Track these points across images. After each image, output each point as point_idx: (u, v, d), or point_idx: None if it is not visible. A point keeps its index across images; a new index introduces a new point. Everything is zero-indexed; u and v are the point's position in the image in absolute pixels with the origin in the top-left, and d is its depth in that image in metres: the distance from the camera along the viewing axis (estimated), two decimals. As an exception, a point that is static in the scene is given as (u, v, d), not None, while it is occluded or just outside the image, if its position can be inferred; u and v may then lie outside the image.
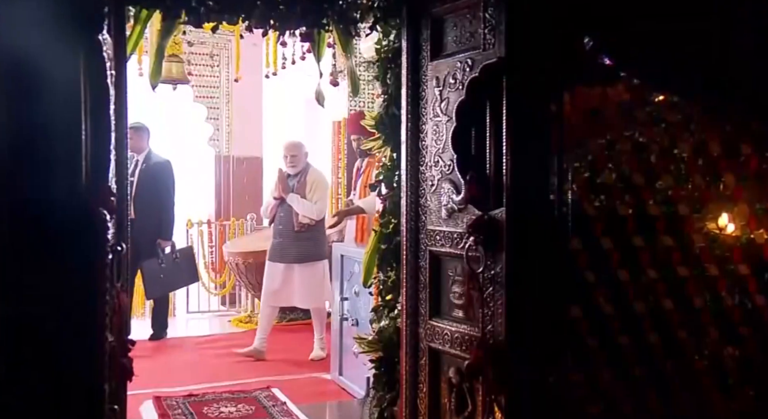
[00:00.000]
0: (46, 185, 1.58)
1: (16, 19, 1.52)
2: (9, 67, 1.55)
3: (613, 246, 1.74)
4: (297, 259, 4.95)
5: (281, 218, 4.92)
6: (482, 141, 1.91)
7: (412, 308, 2.16)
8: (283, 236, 4.92)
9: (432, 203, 2.11)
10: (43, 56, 1.53)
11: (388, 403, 2.43)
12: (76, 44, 1.56)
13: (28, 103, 1.56)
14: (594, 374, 1.83)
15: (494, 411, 1.83)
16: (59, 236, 1.58)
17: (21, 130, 1.56)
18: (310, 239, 5.02)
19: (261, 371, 5.09)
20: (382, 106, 2.50)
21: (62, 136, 1.59)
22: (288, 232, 4.90)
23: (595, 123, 1.79)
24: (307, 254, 4.97)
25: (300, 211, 4.88)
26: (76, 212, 1.59)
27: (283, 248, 4.92)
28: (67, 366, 1.53)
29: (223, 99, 7.48)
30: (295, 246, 4.93)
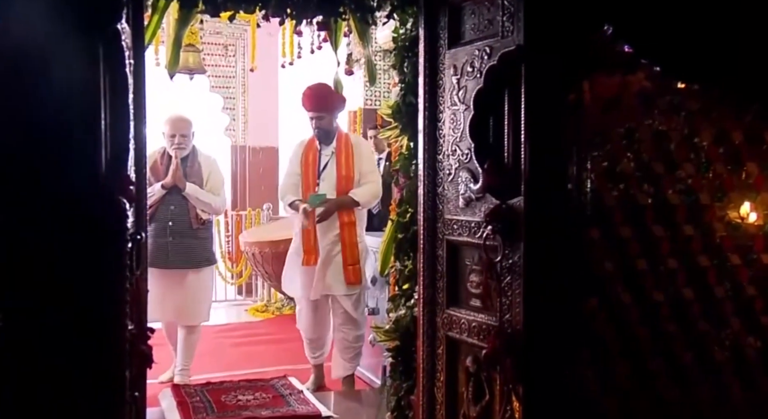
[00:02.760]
0: (66, 175, 1.59)
1: (36, 8, 1.52)
2: (29, 57, 1.55)
3: (632, 235, 1.72)
4: (192, 263, 4.01)
5: (171, 211, 3.97)
6: (500, 130, 1.90)
7: (429, 298, 2.16)
8: (176, 235, 3.97)
9: (449, 192, 2.11)
10: (63, 45, 1.54)
11: (405, 392, 2.44)
12: (95, 33, 1.57)
13: (48, 93, 1.57)
14: (612, 364, 1.82)
15: (512, 400, 1.83)
16: (79, 226, 1.59)
17: (41, 119, 1.57)
18: (207, 238, 4.22)
19: (278, 360, 5.13)
20: (399, 95, 2.50)
21: (82, 125, 1.59)
22: (182, 230, 3.99)
23: (614, 111, 1.77)
24: (204, 256, 4.12)
25: (202, 204, 4.05)
26: (95, 201, 1.60)
27: (173, 250, 3.95)
28: (89, 353, 1.55)
29: (239, 89, 7.50)
30: (190, 247, 4.01)
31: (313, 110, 4.07)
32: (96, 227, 1.60)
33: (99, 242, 1.61)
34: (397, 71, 2.52)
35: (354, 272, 3.97)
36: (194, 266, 4.02)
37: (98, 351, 1.56)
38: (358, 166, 4.07)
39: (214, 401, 3.32)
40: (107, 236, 1.61)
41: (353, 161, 4.07)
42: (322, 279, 4.03)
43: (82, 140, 1.59)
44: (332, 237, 4.04)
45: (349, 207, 4.02)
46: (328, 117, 4.10)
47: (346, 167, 4.07)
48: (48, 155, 1.58)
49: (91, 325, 1.58)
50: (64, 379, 1.55)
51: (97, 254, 1.60)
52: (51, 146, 1.58)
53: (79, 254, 1.58)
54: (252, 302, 7.24)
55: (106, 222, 1.61)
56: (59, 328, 1.56)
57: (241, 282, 7.38)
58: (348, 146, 4.09)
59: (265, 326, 6.30)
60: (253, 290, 7.36)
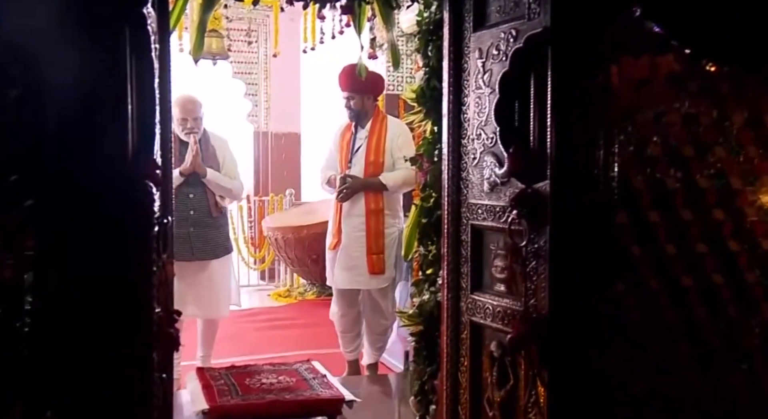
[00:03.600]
0: (94, 159, 1.60)
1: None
2: (56, 41, 1.57)
3: (660, 220, 1.70)
4: (213, 253, 3.94)
5: (191, 200, 3.84)
6: (526, 113, 1.88)
7: (453, 282, 2.16)
8: (197, 225, 3.85)
9: (474, 177, 2.09)
10: (90, 29, 1.55)
11: (428, 376, 2.45)
12: (121, 17, 1.58)
13: (75, 77, 1.58)
14: (639, 350, 1.81)
15: (537, 385, 1.82)
16: (106, 210, 1.60)
17: (68, 104, 1.58)
18: (226, 226, 4.12)
19: (301, 344, 5.18)
20: (423, 79, 2.48)
21: (108, 109, 1.60)
22: (203, 219, 3.87)
23: (643, 95, 1.75)
24: (224, 246, 4.04)
25: (222, 190, 3.95)
26: (123, 185, 1.61)
27: (195, 241, 3.84)
28: (118, 335, 1.57)
29: (261, 75, 7.53)
30: (211, 237, 3.92)
31: (344, 89, 4.04)
32: (123, 211, 1.62)
33: (126, 226, 1.62)
34: (421, 55, 2.50)
35: (377, 261, 3.92)
36: (216, 256, 3.96)
37: (127, 333, 1.58)
38: (390, 150, 4.00)
39: (239, 384, 3.35)
40: (135, 220, 1.62)
41: (384, 145, 3.99)
42: (344, 269, 4.01)
43: (110, 125, 1.60)
44: (356, 223, 4.01)
45: (375, 189, 3.97)
46: (358, 98, 4.03)
47: (376, 151, 4.01)
48: (75, 139, 1.59)
49: (119, 308, 1.60)
50: (94, 360, 1.58)
51: (125, 238, 1.62)
52: (78, 130, 1.59)
53: (106, 238, 1.60)
54: (275, 288, 7.31)
55: (134, 206, 1.62)
56: (89, 311, 1.58)
57: (264, 267, 7.45)
58: (382, 130, 4.01)
59: (288, 311, 6.36)
60: (276, 275, 7.43)
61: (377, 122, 4.05)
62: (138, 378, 1.63)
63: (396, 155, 3.97)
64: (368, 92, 4.09)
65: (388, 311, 4.04)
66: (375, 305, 4.04)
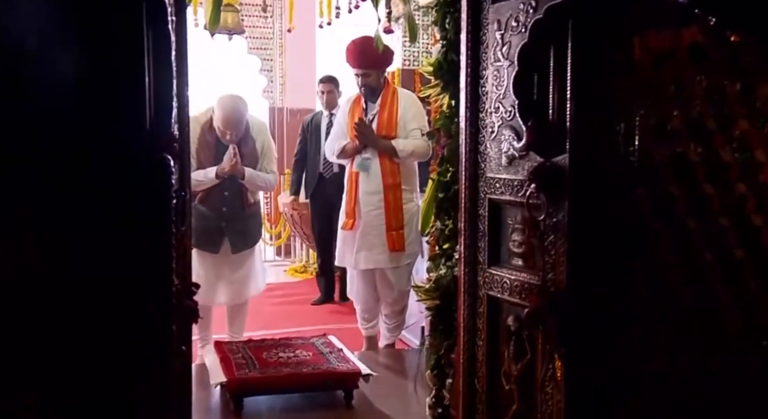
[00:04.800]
0: (111, 132, 1.60)
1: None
2: (72, 15, 1.56)
3: (681, 194, 1.68)
4: (247, 245, 3.99)
5: (225, 197, 3.83)
6: (545, 86, 1.86)
7: (470, 257, 2.15)
8: (229, 220, 3.87)
9: (491, 151, 2.08)
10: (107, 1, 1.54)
11: (444, 350, 2.46)
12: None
13: (92, 50, 1.58)
14: (657, 325, 1.80)
15: (554, 359, 1.82)
16: (124, 183, 1.61)
17: (85, 77, 1.58)
18: (258, 215, 4.14)
19: (316, 319, 5.22)
20: (441, 52, 2.46)
21: (126, 82, 1.60)
22: (235, 213, 3.89)
23: (665, 67, 1.72)
24: (256, 237, 4.10)
25: (258, 188, 4.00)
26: (141, 158, 1.62)
27: (228, 234, 3.86)
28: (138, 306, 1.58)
29: (276, 50, 7.49)
30: (245, 229, 3.96)
31: (358, 66, 3.93)
32: (141, 184, 1.63)
33: (144, 198, 1.63)
34: (439, 28, 2.48)
35: (397, 238, 3.88)
36: (248, 248, 3.99)
37: (147, 305, 1.59)
38: (403, 123, 3.94)
39: (256, 357, 3.38)
40: (153, 193, 1.63)
41: (396, 119, 3.95)
42: (363, 249, 3.98)
43: (127, 98, 1.60)
44: (374, 201, 3.95)
45: (387, 152, 3.92)
46: (375, 74, 3.97)
47: (387, 125, 3.95)
48: (93, 112, 1.59)
49: (138, 280, 1.62)
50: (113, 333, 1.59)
51: (143, 211, 1.63)
52: (96, 104, 1.60)
53: (125, 211, 1.61)
54: (290, 263, 7.34)
55: (152, 179, 1.62)
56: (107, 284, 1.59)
57: (280, 243, 7.48)
58: (393, 103, 3.94)
59: (304, 286, 6.39)
60: (291, 251, 7.46)
61: (388, 95, 3.97)
62: (157, 350, 1.65)
63: (409, 127, 3.91)
64: (383, 67, 4.03)
65: (402, 289, 4.02)
66: (388, 284, 4.03)
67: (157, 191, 1.64)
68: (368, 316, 4.20)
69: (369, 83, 3.95)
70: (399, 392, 3.33)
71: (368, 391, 3.31)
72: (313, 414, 3.14)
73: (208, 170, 3.77)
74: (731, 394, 1.75)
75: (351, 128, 3.99)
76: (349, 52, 3.99)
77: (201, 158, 3.76)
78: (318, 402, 3.25)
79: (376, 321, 4.23)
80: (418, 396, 2.69)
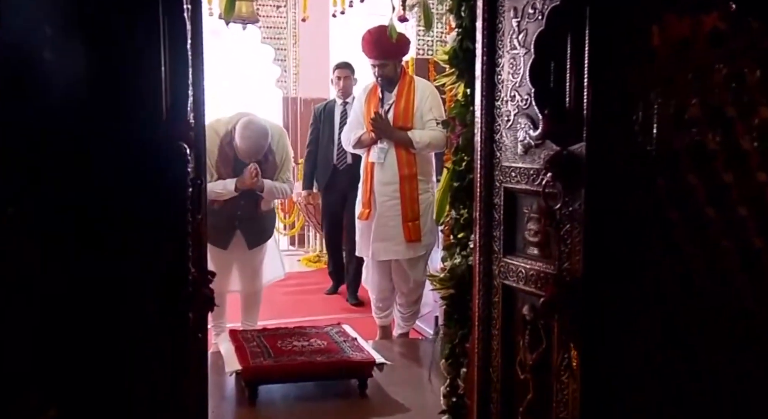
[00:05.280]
0: (128, 120, 1.61)
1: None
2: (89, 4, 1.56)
3: (700, 182, 1.66)
4: (261, 240, 4.08)
5: (241, 205, 3.92)
6: (562, 74, 1.84)
7: (485, 246, 2.15)
8: (244, 221, 3.97)
9: (507, 140, 2.07)
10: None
11: (459, 340, 2.46)
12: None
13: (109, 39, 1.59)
14: (675, 315, 1.79)
15: (570, 348, 1.82)
16: (140, 171, 1.62)
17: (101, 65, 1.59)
18: (273, 214, 4.25)
19: (330, 309, 5.24)
20: (456, 40, 2.44)
21: (142, 70, 1.61)
22: (251, 217, 3.99)
23: (684, 54, 1.69)
24: (270, 232, 4.20)
25: (275, 198, 4.08)
26: (157, 146, 1.62)
27: (242, 233, 3.97)
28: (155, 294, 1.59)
29: (290, 40, 7.49)
30: (258, 228, 4.05)
31: (375, 57, 3.91)
32: (157, 172, 1.63)
33: (160, 187, 1.64)
34: (454, 16, 2.46)
35: (414, 228, 3.88)
36: (264, 241, 4.05)
37: (163, 292, 1.60)
38: (419, 113, 3.92)
39: (271, 346, 3.40)
40: (169, 181, 1.63)
41: (413, 108, 3.92)
42: (379, 240, 3.98)
43: (144, 86, 1.61)
44: (389, 191, 3.95)
45: (403, 143, 3.90)
46: (392, 64, 3.94)
47: (404, 116, 3.94)
48: (109, 101, 1.60)
49: (155, 267, 1.63)
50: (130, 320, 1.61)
51: (159, 199, 1.63)
52: (112, 92, 1.60)
53: (141, 199, 1.62)
54: (304, 253, 7.36)
55: (168, 167, 1.63)
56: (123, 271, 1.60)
57: (294, 233, 7.50)
58: (410, 92, 3.92)
59: (317, 276, 6.41)
60: (305, 240, 7.48)
61: (404, 85, 3.94)
62: (173, 338, 1.66)
63: (425, 117, 3.89)
64: (400, 56, 4.00)
65: (417, 280, 4.02)
66: (404, 274, 4.03)
67: (173, 180, 1.65)
68: (383, 305, 4.21)
69: (386, 74, 3.93)
70: (413, 381, 3.34)
71: (382, 380, 3.32)
72: (328, 403, 3.16)
73: (227, 181, 3.82)
74: (750, 384, 1.74)
75: (367, 118, 3.98)
76: (365, 42, 3.96)
77: (221, 171, 3.80)
78: (332, 391, 3.26)
79: (390, 310, 4.23)
80: (433, 385, 2.69)
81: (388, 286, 4.13)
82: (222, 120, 3.87)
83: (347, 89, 5.25)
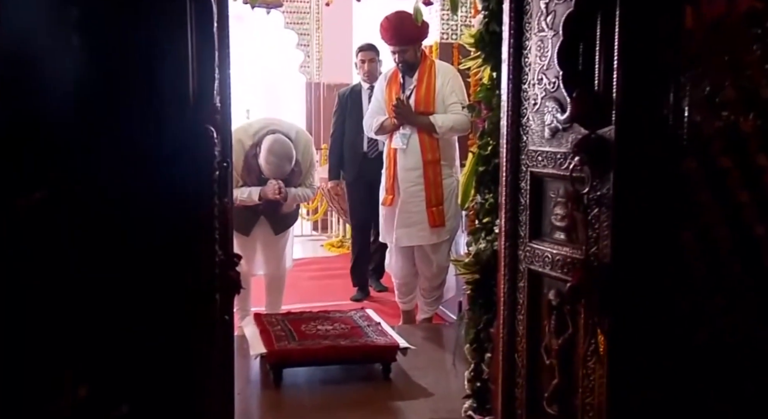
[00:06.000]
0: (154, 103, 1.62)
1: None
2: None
3: (732, 165, 1.63)
4: (283, 227, 4.12)
5: (262, 205, 3.94)
6: (591, 56, 1.81)
7: (511, 231, 2.13)
8: (266, 214, 4.01)
9: (534, 123, 2.04)
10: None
11: (483, 325, 2.45)
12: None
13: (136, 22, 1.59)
14: (702, 301, 1.76)
15: (596, 333, 1.80)
16: (167, 154, 1.62)
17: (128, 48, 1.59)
18: (296, 209, 4.28)
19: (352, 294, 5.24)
20: (482, 23, 2.41)
21: (169, 54, 1.61)
22: (273, 213, 4.01)
23: (718, 34, 1.66)
24: (293, 218, 4.27)
25: (296, 203, 4.14)
26: (184, 129, 1.63)
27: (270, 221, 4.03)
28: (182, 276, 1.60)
29: (313, 25, 7.47)
30: (281, 217, 4.08)
31: (395, 43, 3.88)
32: (184, 155, 1.64)
33: (187, 170, 1.64)
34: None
35: (438, 213, 3.87)
36: (289, 227, 4.14)
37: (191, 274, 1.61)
38: (441, 98, 3.89)
39: (295, 330, 3.42)
40: (196, 164, 1.64)
41: (434, 93, 3.89)
42: (403, 226, 3.97)
43: (171, 69, 1.61)
44: (413, 177, 3.93)
45: (426, 128, 3.88)
46: (412, 49, 3.92)
47: (425, 101, 3.91)
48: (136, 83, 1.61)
49: (181, 251, 1.64)
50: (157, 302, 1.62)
51: (186, 182, 1.64)
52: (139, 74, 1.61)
53: (168, 182, 1.62)
54: (327, 238, 7.38)
55: (195, 150, 1.64)
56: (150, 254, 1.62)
57: (317, 218, 7.52)
58: (431, 77, 3.89)
59: (340, 261, 6.43)
60: (328, 225, 7.50)
61: (425, 69, 3.91)
62: (201, 320, 1.67)
63: (448, 101, 3.86)
64: (420, 40, 3.98)
65: (441, 265, 4.01)
66: (427, 259, 4.03)
67: (199, 163, 1.65)
68: (406, 290, 4.21)
69: (406, 59, 3.91)
70: (437, 365, 3.34)
71: (406, 364, 3.32)
72: (352, 386, 3.17)
73: (252, 190, 3.84)
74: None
75: (389, 103, 3.96)
76: (383, 29, 3.93)
77: (245, 179, 3.84)
78: (356, 375, 3.28)
79: (413, 295, 4.23)
80: (456, 370, 2.69)
81: (411, 271, 4.13)
82: (248, 130, 3.87)
83: (373, 73, 4.94)
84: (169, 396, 1.65)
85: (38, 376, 1.53)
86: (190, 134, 1.63)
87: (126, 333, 1.61)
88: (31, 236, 1.52)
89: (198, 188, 1.66)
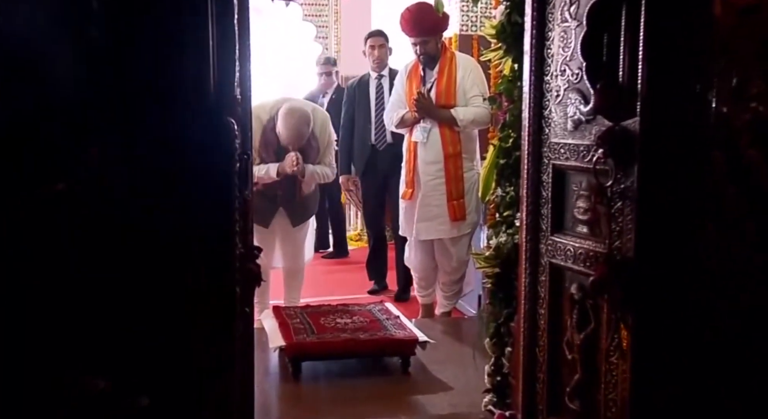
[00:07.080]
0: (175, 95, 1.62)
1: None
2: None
3: (760, 158, 1.60)
4: (303, 218, 4.08)
5: (282, 187, 3.91)
6: (615, 47, 1.78)
7: (532, 224, 2.11)
8: (285, 203, 3.97)
9: (556, 115, 2.02)
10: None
11: (504, 319, 2.43)
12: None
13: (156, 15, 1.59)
14: (727, 296, 1.73)
15: (619, 328, 1.78)
16: (188, 146, 1.62)
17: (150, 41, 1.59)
18: (316, 194, 4.19)
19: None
20: (504, 13, 2.39)
21: (190, 45, 1.61)
22: (291, 198, 3.97)
23: (747, 23, 1.62)
24: (312, 210, 4.19)
25: (316, 182, 4.05)
26: (205, 121, 1.63)
27: (288, 211, 3.99)
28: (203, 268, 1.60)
29: (331, 17, 7.45)
30: (301, 207, 4.04)
31: (416, 35, 3.85)
32: (205, 147, 1.64)
33: (208, 161, 1.64)
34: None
35: (458, 207, 3.84)
36: (307, 218, 4.09)
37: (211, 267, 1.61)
38: (462, 90, 3.86)
39: (314, 323, 3.42)
40: (217, 156, 1.64)
41: (455, 85, 3.87)
42: (423, 220, 3.95)
43: (192, 61, 1.61)
44: (433, 170, 3.91)
45: (447, 121, 3.86)
46: (433, 40, 3.89)
47: (446, 94, 3.88)
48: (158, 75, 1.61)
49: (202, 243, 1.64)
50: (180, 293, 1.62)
51: (207, 174, 1.64)
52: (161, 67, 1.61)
53: (189, 174, 1.63)
54: (346, 231, 7.34)
55: (216, 142, 1.63)
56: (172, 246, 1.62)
57: (336, 211, 7.47)
58: (452, 69, 3.86)
59: (359, 254, 6.42)
60: (347, 219, 7.48)
61: (446, 61, 3.88)
62: (221, 311, 1.67)
63: (469, 93, 3.83)
64: (440, 32, 3.95)
65: (461, 258, 3.99)
66: (447, 253, 4.01)
67: (220, 154, 1.65)
68: (425, 284, 4.20)
69: (428, 51, 3.88)
70: (456, 359, 3.32)
71: (425, 358, 3.31)
72: (371, 380, 3.17)
73: (270, 166, 3.82)
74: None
75: (409, 97, 3.94)
76: (404, 20, 3.90)
77: (263, 156, 3.82)
78: (375, 369, 3.27)
79: (432, 288, 4.22)
80: (476, 364, 2.67)
81: (430, 264, 4.11)
82: (265, 106, 3.86)
83: (382, 60, 4.78)
84: (190, 388, 1.65)
85: (59, 368, 1.54)
86: (211, 126, 1.63)
87: (145, 325, 1.61)
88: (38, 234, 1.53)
89: (218, 179, 1.66)
